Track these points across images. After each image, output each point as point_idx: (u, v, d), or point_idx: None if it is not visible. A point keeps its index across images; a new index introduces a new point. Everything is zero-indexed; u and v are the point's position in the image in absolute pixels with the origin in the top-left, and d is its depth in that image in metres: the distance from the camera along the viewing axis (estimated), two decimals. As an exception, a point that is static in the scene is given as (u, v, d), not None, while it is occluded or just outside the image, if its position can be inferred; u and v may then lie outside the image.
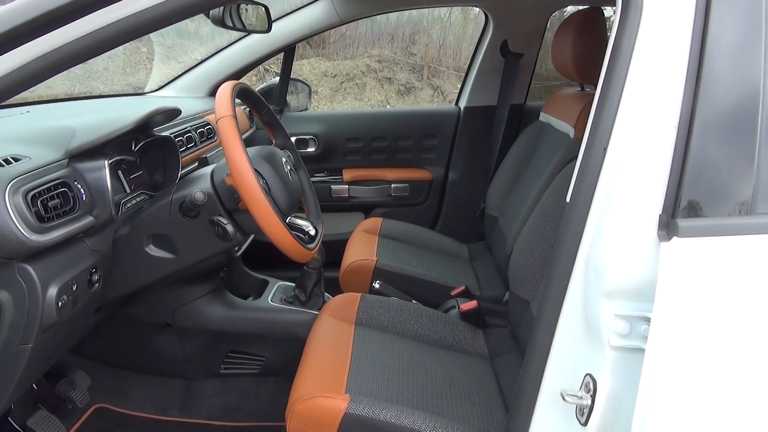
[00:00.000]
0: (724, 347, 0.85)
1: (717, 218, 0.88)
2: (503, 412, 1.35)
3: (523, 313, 1.52)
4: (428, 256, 2.27)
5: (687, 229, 0.85)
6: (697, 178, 0.89)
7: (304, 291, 1.90)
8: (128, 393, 1.88)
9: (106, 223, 1.36)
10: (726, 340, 0.85)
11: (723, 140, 0.89)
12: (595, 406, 0.92)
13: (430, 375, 1.43)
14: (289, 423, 1.26)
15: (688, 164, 0.89)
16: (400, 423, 1.21)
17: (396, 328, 1.63)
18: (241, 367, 1.90)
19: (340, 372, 1.37)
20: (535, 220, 1.63)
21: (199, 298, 1.80)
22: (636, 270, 0.89)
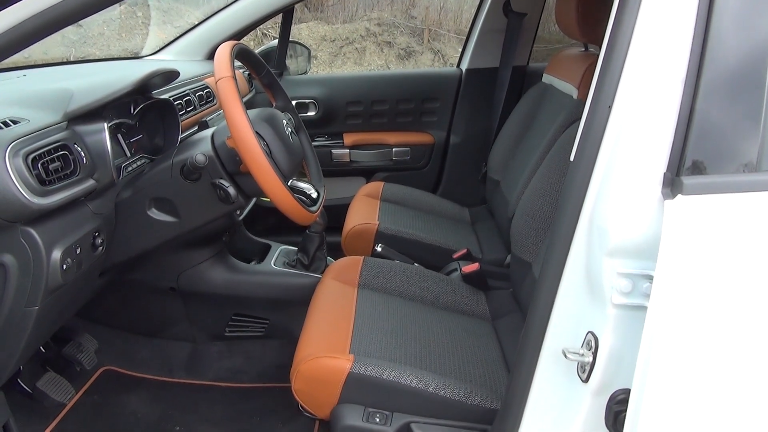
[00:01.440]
0: (727, 305, 0.86)
1: (722, 175, 0.87)
2: (505, 371, 1.37)
3: (525, 275, 1.53)
4: (430, 219, 2.27)
5: (691, 186, 0.85)
6: (703, 136, 0.88)
7: (306, 255, 1.91)
8: (135, 356, 1.91)
9: (108, 186, 1.36)
10: (728, 297, 0.86)
11: (729, 99, 0.88)
12: (596, 363, 0.94)
13: (433, 336, 1.45)
14: (294, 383, 1.28)
15: (694, 122, 0.88)
16: (404, 382, 1.23)
17: (398, 290, 1.64)
18: (246, 329, 1.92)
19: (344, 333, 1.38)
20: (538, 182, 1.63)
21: (202, 262, 1.81)
22: (639, 228, 0.89)
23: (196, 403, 1.77)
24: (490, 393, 1.26)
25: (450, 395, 1.23)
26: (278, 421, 1.71)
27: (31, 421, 1.61)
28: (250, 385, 1.86)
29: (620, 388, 0.95)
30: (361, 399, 1.25)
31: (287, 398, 1.75)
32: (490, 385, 1.31)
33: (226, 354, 1.93)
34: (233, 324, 1.92)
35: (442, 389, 1.23)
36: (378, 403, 1.24)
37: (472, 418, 1.23)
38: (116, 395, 1.78)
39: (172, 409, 1.74)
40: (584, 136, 0.94)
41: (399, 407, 1.24)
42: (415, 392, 1.23)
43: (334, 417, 1.25)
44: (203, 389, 1.84)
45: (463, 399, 1.23)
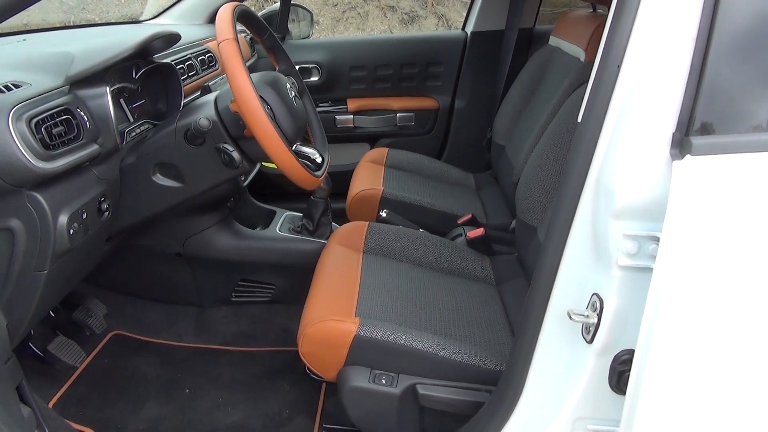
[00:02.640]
0: (734, 266, 0.86)
1: (731, 135, 0.86)
2: (509, 334, 1.39)
3: (530, 239, 1.53)
4: (434, 185, 2.26)
5: (700, 146, 0.84)
6: (713, 96, 0.87)
7: (311, 220, 1.91)
8: (144, 321, 1.94)
9: (112, 151, 1.36)
10: (735, 259, 0.86)
11: (741, 58, 0.87)
12: (601, 324, 0.94)
13: (438, 300, 1.46)
14: (300, 346, 1.30)
15: (704, 82, 0.87)
16: (410, 344, 1.24)
17: (403, 255, 1.64)
18: (252, 295, 1.94)
19: (350, 297, 1.39)
20: (544, 146, 1.61)
21: (207, 228, 1.82)
22: (647, 189, 0.88)
23: (205, 367, 1.80)
24: (494, 355, 1.27)
25: (455, 357, 1.24)
26: (286, 383, 1.74)
27: (43, 384, 1.65)
28: (257, 349, 1.89)
29: (624, 349, 0.96)
30: (367, 361, 1.26)
31: (294, 361, 1.80)
32: (495, 348, 1.32)
33: (233, 319, 1.95)
34: (240, 289, 1.93)
35: (447, 351, 1.25)
36: (384, 365, 1.26)
37: (477, 380, 1.25)
38: (126, 359, 1.81)
39: (181, 372, 1.77)
40: (592, 96, 0.93)
41: (404, 369, 1.26)
42: (421, 354, 1.24)
43: (340, 379, 1.27)
44: (211, 353, 1.87)
45: (468, 361, 1.24)
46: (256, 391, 1.71)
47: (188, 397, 1.68)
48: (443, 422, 1.28)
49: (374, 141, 2.74)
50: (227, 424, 1.59)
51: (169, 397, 1.68)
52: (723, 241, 0.85)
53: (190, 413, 1.62)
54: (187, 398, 1.68)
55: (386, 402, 1.24)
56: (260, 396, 1.69)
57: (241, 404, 1.66)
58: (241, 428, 1.58)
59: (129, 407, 1.63)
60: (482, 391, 1.23)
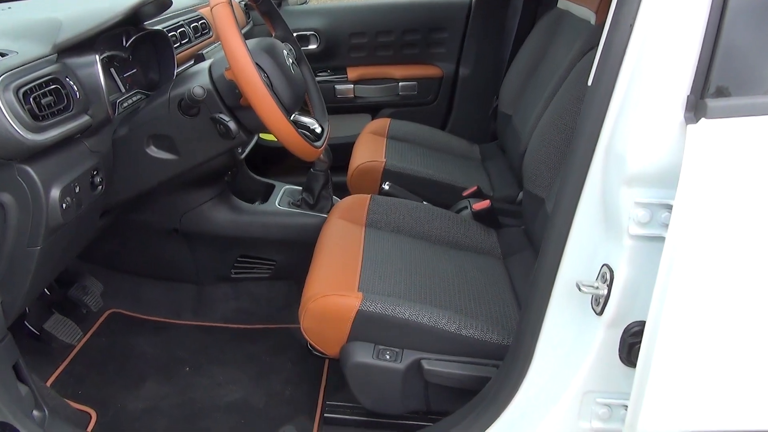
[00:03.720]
0: (750, 233, 0.85)
1: (748, 97, 0.85)
2: (516, 308, 1.39)
3: (538, 211, 1.53)
4: (439, 157, 2.26)
5: (716, 109, 0.83)
6: (729, 58, 0.85)
7: (311, 194, 1.91)
8: (141, 298, 1.95)
9: (104, 123, 1.35)
10: (751, 226, 0.85)
11: (759, 19, 0.85)
12: (611, 295, 0.94)
13: (442, 274, 1.46)
14: (302, 322, 1.30)
15: (720, 43, 0.85)
16: (414, 318, 1.25)
17: (407, 228, 1.64)
18: (252, 271, 1.95)
19: (352, 272, 1.40)
20: (552, 114, 1.60)
21: (204, 202, 1.82)
22: (659, 155, 0.87)
23: (205, 345, 1.82)
24: (501, 329, 1.28)
25: (461, 331, 1.25)
26: (288, 360, 1.76)
27: (40, 363, 1.67)
28: (258, 326, 1.91)
29: (635, 321, 0.96)
30: (371, 336, 1.27)
31: (296, 338, 1.81)
32: (502, 322, 1.32)
33: (232, 296, 1.96)
34: (239, 265, 1.94)
35: (452, 325, 1.25)
36: (388, 340, 1.27)
37: (483, 354, 1.25)
38: (124, 337, 1.83)
39: (180, 350, 1.79)
40: (603, 58, 0.92)
41: (409, 344, 1.26)
42: (425, 329, 1.25)
43: (343, 355, 1.28)
44: (211, 330, 1.88)
45: (474, 335, 1.25)
46: (257, 369, 1.73)
47: (188, 375, 1.70)
48: (449, 398, 1.29)
49: (376, 111, 2.72)
50: (228, 402, 1.60)
51: (168, 375, 1.69)
52: (739, 209, 0.85)
53: (191, 391, 1.64)
54: (187, 376, 1.69)
55: (390, 378, 1.25)
56: (262, 374, 1.71)
57: (242, 382, 1.68)
58: (243, 406, 1.60)
59: (128, 386, 1.65)
60: (489, 366, 1.24)
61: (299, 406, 1.60)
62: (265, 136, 2.53)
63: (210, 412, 1.57)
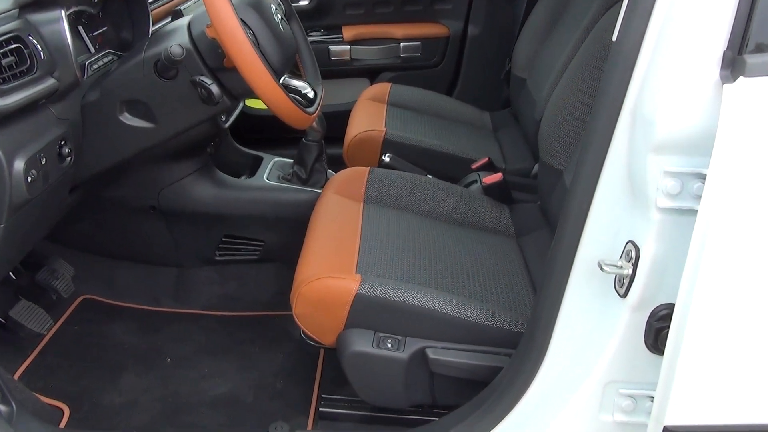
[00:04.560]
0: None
1: (793, 52, 0.84)
2: (531, 292, 1.40)
3: (555, 184, 1.53)
4: (445, 125, 2.25)
5: (757, 66, 0.82)
6: None
7: (303, 167, 1.91)
8: (116, 283, 1.95)
9: (71, 86, 1.34)
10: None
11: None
12: (636, 275, 0.95)
13: (449, 254, 1.47)
14: (294, 308, 1.30)
15: None
16: (418, 303, 1.25)
17: (410, 204, 1.64)
18: (238, 252, 1.95)
19: (349, 252, 1.40)
20: (571, 76, 1.59)
21: (185, 177, 1.81)
22: (692, 118, 0.87)
23: (188, 333, 1.83)
24: (514, 315, 1.28)
25: (470, 317, 1.25)
26: (279, 350, 1.77)
27: (6, 353, 1.67)
28: (246, 314, 1.91)
29: (662, 303, 0.96)
30: (371, 323, 1.27)
31: (288, 326, 1.82)
32: (515, 307, 1.33)
33: (217, 280, 1.97)
34: (224, 247, 1.94)
35: (461, 311, 1.25)
36: (389, 327, 1.27)
37: (495, 342, 1.26)
38: (99, 326, 1.83)
39: (161, 340, 1.79)
40: (629, 10, 0.91)
41: (413, 331, 1.27)
42: (431, 314, 1.25)
43: (340, 343, 1.28)
44: (194, 318, 1.89)
45: (485, 321, 1.25)
46: (245, 360, 1.74)
47: (170, 366, 1.71)
48: (456, 390, 1.30)
49: (375, 75, 2.71)
50: (214, 396, 1.62)
51: (148, 367, 1.70)
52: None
53: (173, 384, 1.65)
54: (169, 368, 1.70)
55: (392, 368, 1.26)
56: (251, 365, 1.72)
57: (229, 374, 1.69)
58: (230, 400, 1.61)
59: (104, 379, 1.66)
60: (501, 355, 1.25)
61: (292, 401, 1.61)
62: (251, 103, 2.52)
63: (194, 407, 1.59)
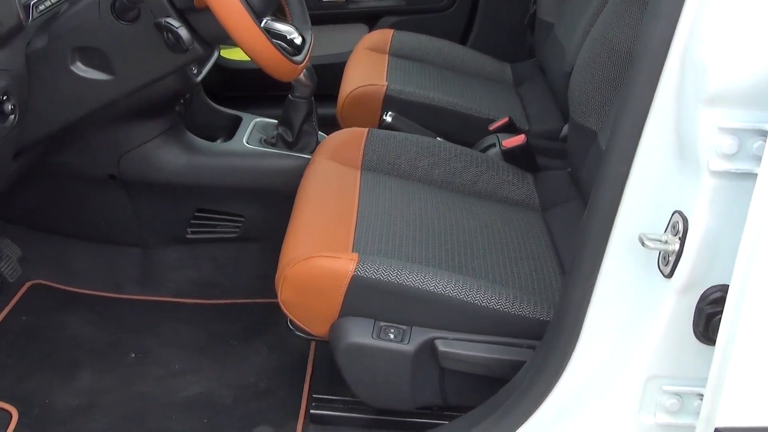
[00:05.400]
0: None
1: None
2: (559, 273, 1.40)
3: (588, 147, 1.53)
4: (457, 79, 2.25)
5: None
6: None
7: (290, 128, 1.90)
8: (71, 266, 1.96)
9: (13, 32, 1.34)
10: None
11: None
12: (684, 251, 0.95)
13: (463, 230, 1.47)
14: (280, 293, 1.31)
15: None
16: (426, 287, 1.25)
17: (416, 172, 1.65)
18: (214, 230, 1.96)
19: (345, 228, 1.40)
20: (607, 19, 1.58)
21: (149, 140, 1.81)
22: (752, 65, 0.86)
23: (155, 325, 1.83)
24: (539, 300, 1.29)
25: (487, 303, 1.25)
26: (262, 343, 1.78)
27: (-57, 346, 1.69)
28: (223, 301, 1.92)
29: (715, 285, 0.96)
30: (370, 310, 1.28)
31: (272, 315, 1.81)
32: (540, 291, 1.33)
33: (189, 262, 1.98)
34: (197, 223, 1.95)
35: (476, 296, 1.26)
36: (392, 315, 1.28)
37: (516, 333, 1.27)
38: (51, 316, 1.84)
39: (124, 332, 1.80)
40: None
41: (419, 319, 1.27)
42: (441, 300, 1.25)
43: (334, 334, 1.29)
44: (162, 307, 1.90)
45: (504, 308, 1.26)
46: (223, 355, 1.75)
47: (134, 363, 1.72)
48: (470, 389, 1.31)
49: (374, 21, 2.70)
50: (187, 398, 1.63)
51: (109, 363, 1.71)
52: None
53: (138, 384, 1.66)
54: (133, 365, 1.71)
55: (395, 363, 1.26)
56: (229, 361, 1.73)
57: (203, 372, 1.70)
58: (206, 402, 1.62)
59: (57, 377, 1.67)
60: (522, 348, 1.25)
61: (278, 402, 1.62)
62: (227, 53, 2.51)
63: (163, 410, 1.60)
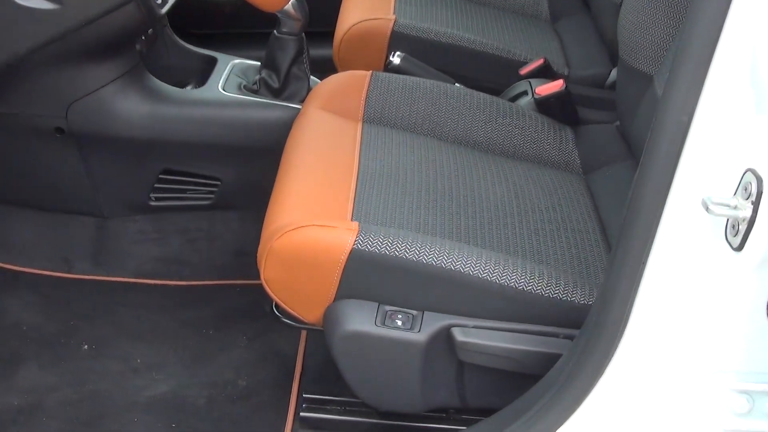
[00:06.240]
0: None
1: None
2: (603, 247, 1.40)
3: (641, 95, 1.53)
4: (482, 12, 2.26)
5: None
6: None
7: (276, 72, 1.90)
8: (9, 239, 1.97)
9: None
10: None
11: None
12: (758, 218, 0.94)
13: (487, 196, 1.47)
14: (263, 271, 1.31)
15: None
16: (440, 263, 1.25)
17: (431, 125, 1.65)
18: (183, 196, 1.96)
19: (341, 192, 1.40)
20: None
21: (105, 85, 1.81)
22: None
23: (113, 311, 1.85)
24: (578, 280, 1.29)
25: (515, 284, 1.25)
26: (240, 332, 1.79)
27: None
28: (194, 283, 1.93)
29: (796, 258, 0.96)
30: (373, 291, 1.28)
31: (254, 299, 1.81)
32: (579, 269, 1.33)
33: (153, 235, 1.98)
34: (162, 187, 1.95)
35: (502, 274, 1.25)
36: (400, 298, 1.28)
37: (550, 320, 1.27)
38: (-14, 299, 1.86)
39: (75, 319, 1.81)
40: None
41: (433, 303, 1.28)
42: (459, 279, 1.25)
43: (330, 321, 1.29)
44: (121, 289, 1.91)
45: (537, 289, 1.26)
46: (194, 348, 1.76)
47: (88, 356, 1.73)
48: (495, 386, 1.31)
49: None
50: (150, 398, 1.64)
51: (57, 357, 1.72)
52: None
53: (92, 381, 1.67)
54: (87, 358, 1.72)
55: (404, 356, 1.27)
56: (202, 354, 1.74)
57: (171, 368, 1.71)
58: (174, 404, 1.63)
59: (-5, 373, 1.69)
60: (559, 338, 1.26)
61: (261, 403, 1.64)
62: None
63: (121, 413, 1.61)
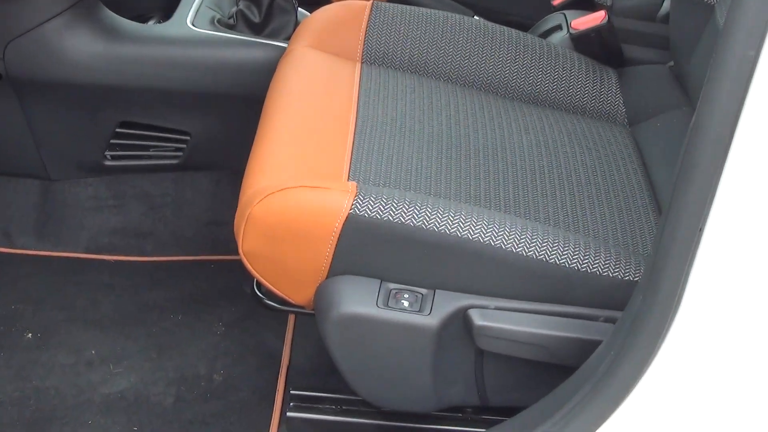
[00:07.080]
0: None
1: None
2: (652, 211, 1.41)
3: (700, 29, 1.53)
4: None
5: None
6: None
7: (255, 3, 1.91)
8: None
9: None
10: None
11: None
12: None
13: (511, 151, 1.48)
14: (242, 243, 1.31)
15: None
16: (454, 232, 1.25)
17: (443, 66, 1.66)
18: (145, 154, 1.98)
19: (336, 147, 1.41)
20: None
21: (48, 20, 1.82)
22: None
23: (61, 292, 1.87)
24: (622, 252, 1.29)
25: (546, 257, 1.26)
26: (215, 318, 1.81)
27: None
28: (158, 259, 1.95)
29: None
30: (374, 266, 1.29)
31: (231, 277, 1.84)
32: (623, 239, 1.34)
33: (109, 201, 2.00)
34: (120, 143, 1.97)
35: (530, 245, 1.26)
36: (406, 274, 1.29)
37: (588, 299, 1.28)
38: None
39: (17, 303, 1.84)
40: None
41: (446, 280, 1.28)
42: (478, 251, 1.26)
43: (322, 302, 1.30)
44: (72, 266, 1.93)
45: (572, 263, 1.26)
46: (160, 336, 1.78)
47: (32, 346, 1.75)
48: (520, 380, 1.33)
49: None
50: (108, 396, 1.66)
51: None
52: None
53: (38, 377, 1.69)
54: (31, 349, 1.75)
55: (411, 342, 1.28)
56: (170, 344, 1.76)
57: (132, 360, 1.73)
58: (135, 403, 1.65)
59: None
60: (598, 321, 1.26)
61: (241, 402, 1.65)
62: None
63: (73, 413, 1.63)
